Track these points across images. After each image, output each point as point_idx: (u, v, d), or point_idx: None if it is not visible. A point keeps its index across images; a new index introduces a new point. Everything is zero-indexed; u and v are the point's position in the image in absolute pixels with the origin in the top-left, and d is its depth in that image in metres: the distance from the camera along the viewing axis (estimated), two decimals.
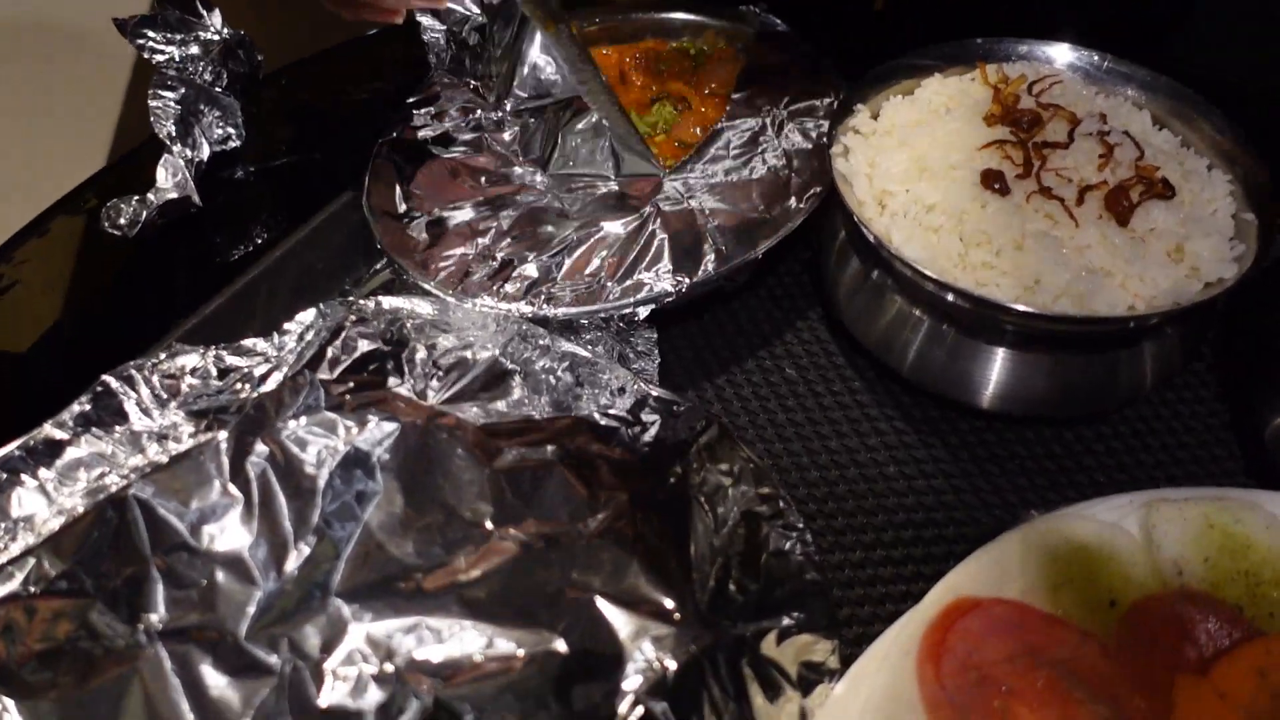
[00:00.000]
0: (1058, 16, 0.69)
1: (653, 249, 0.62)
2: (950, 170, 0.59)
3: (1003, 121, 0.61)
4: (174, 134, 0.68)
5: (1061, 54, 0.65)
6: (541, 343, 0.58)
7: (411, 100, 0.72)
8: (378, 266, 0.67)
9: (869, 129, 0.63)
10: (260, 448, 0.49)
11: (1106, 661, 0.45)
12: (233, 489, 0.48)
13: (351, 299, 0.59)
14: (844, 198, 0.59)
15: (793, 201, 0.65)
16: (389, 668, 0.42)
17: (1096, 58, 0.65)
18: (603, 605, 0.45)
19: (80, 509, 0.49)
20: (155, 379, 0.55)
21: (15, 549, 0.48)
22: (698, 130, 0.71)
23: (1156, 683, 0.44)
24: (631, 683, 0.43)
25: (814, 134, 0.68)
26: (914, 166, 0.60)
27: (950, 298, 0.56)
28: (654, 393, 0.57)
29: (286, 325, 0.58)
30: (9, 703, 0.42)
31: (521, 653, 0.43)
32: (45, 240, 0.71)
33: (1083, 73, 0.64)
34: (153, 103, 0.67)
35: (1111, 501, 0.51)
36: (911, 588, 0.52)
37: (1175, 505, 0.50)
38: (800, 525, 0.52)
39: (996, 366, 0.58)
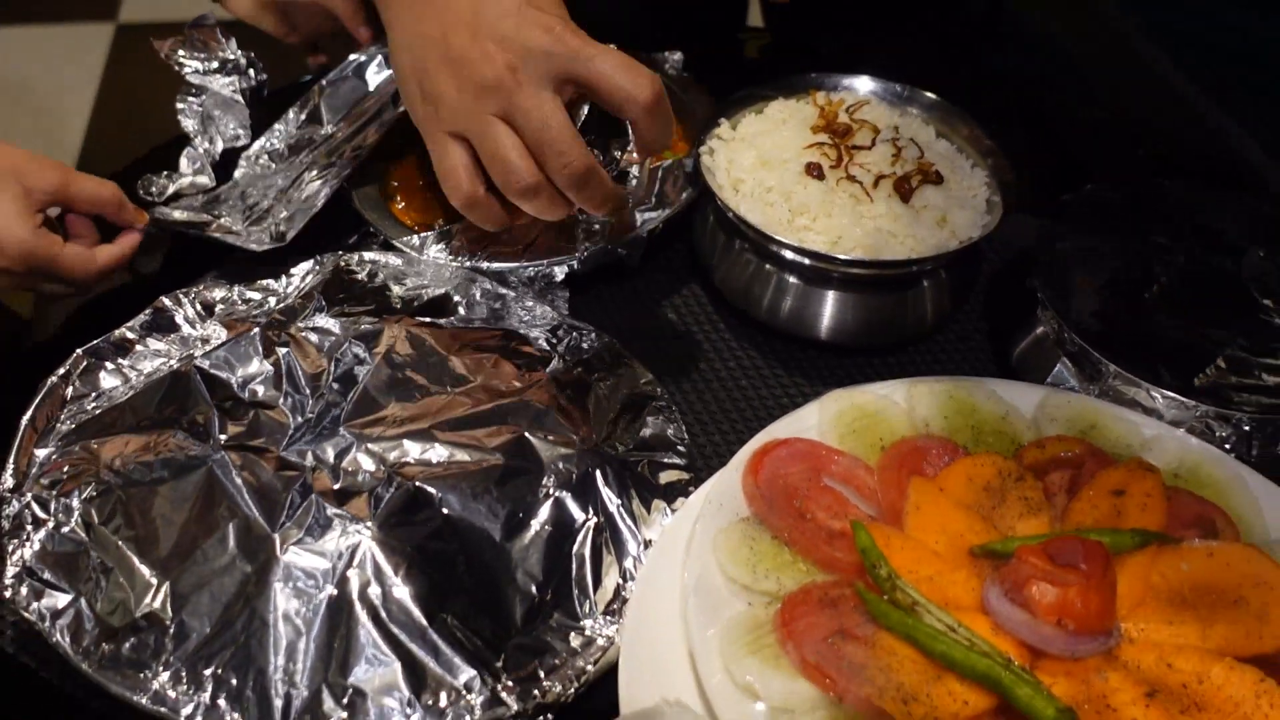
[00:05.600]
0: (871, 58, 0.97)
1: (564, 225, 0.88)
2: (784, 163, 0.86)
3: (824, 131, 0.89)
4: (195, 130, 0.93)
5: (871, 84, 0.93)
6: (484, 286, 0.83)
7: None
8: (355, 238, 0.92)
9: (729, 136, 0.90)
10: (283, 338, 0.73)
11: (871, 477, 0.71)
12: (266, 364, 0.72)
13: (340, 252, 0.84)
14: (708, 183, 0.86)
15: (677, 194, 0.91)
16: (382, 467, 0.67)
17: (898, 87, 0.93)
18: (528, 436, 0.70)
19: (144, 385, 0.73)
20: (196, 302, 0.79)
21: (104, 406, 0.71)
22: None
23: (902, 488, 0.70)
24: (548, 480, 0.68)
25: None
26: (758, 161, 0.87)
27: (784, 252, 0.82)
28: (568, 321, 0.82)
29: (291, 270, 0.83)
30: (128, 493, 0.65)
31: (471, 460, 0.67)
32: None
33: (886, 98, 0.93)
34: (180, 104, 0.93)
35: (886, 384, 0.77)
36: None
37: (928, 383, 0.76)
38: (671, 406, 0.78)
39: (824, 307, 0.85)
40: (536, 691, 0.61)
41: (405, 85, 0.75)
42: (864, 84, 0.94)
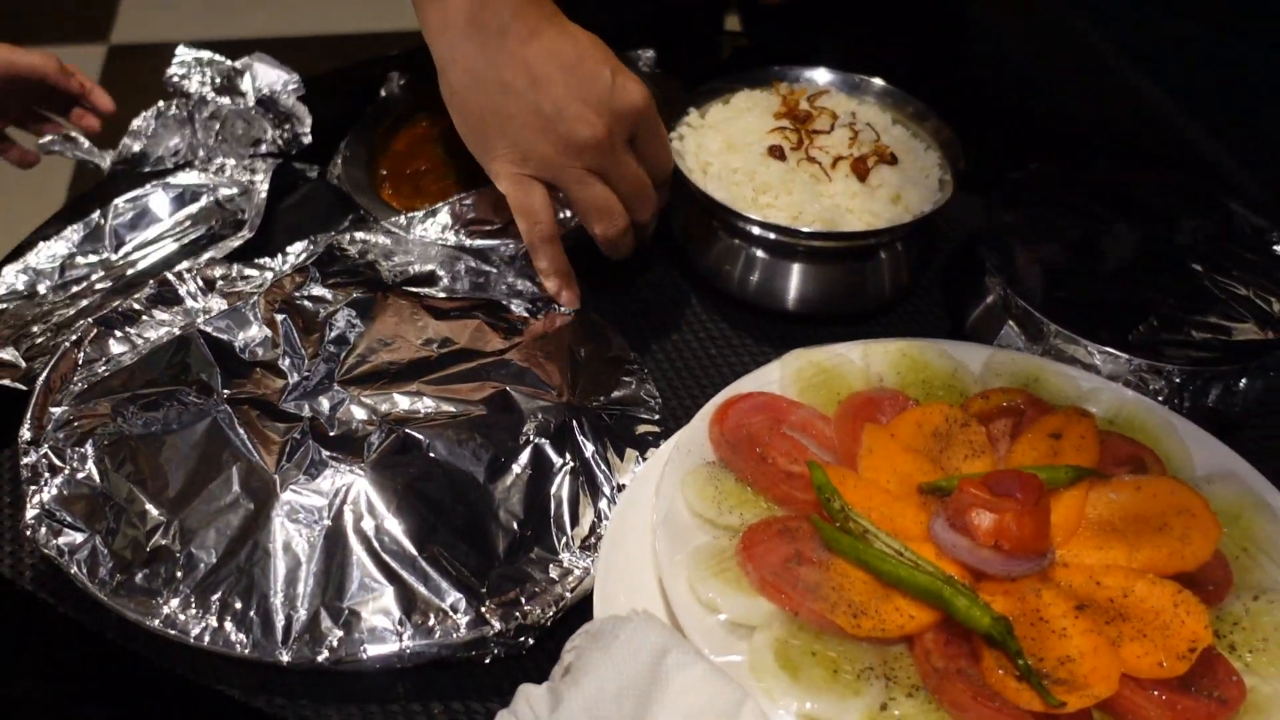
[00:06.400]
0: (835, 53, 1.05)
1: None
2: (748, 146, 0.93)
3: (786, 117, 0.95)
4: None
5: (830, 75, 1.00)
6: (468, 263, 0.90)
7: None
8: (347, 223, 0.98)
9: (698, 123, 0.97)
10: (282, 304, 0.79)
11: (829, 427, 0.77)
12: (265, 329, 0.78)
13: (333, 233, 0.90)
14: (679, 167, 0.92)
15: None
16: (374, 416, 0.72)
17: (856, 78, 1.00)
18: (510, 390, 0.76)
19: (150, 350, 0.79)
20: (198, 278, 0.85)
21: (114, 369, 0.77)
22: None
23: (857, 435, 0.76)
24: (528, 428, 0.74)
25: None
26: (725, 145, 0.94)
27: (750, 228, 0.89)
28: (547, 294, 0.88)
29: (288, 249, 0.89)
30: (138, 442, 0.71)
31: (456, 411, 0.73)
32: None
33: (845, 87, 1.00)
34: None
35: (842, 345, 0.83)
36: None
37: (882, 343, 0.82)
38: (644, 370, 0.84)
39: (789, 279, 0.91)
40: (518, 614, 0.66)
41: (468, 122, 0.81)
42: (822, 75, 1.01)
